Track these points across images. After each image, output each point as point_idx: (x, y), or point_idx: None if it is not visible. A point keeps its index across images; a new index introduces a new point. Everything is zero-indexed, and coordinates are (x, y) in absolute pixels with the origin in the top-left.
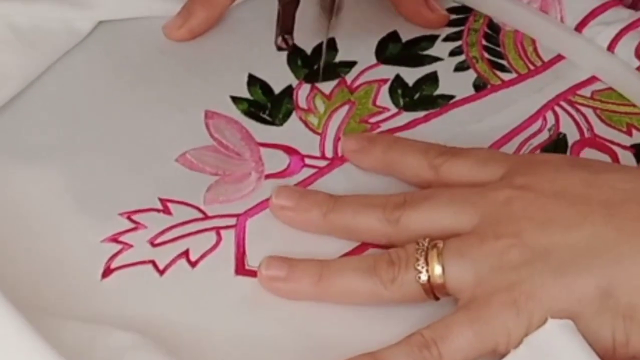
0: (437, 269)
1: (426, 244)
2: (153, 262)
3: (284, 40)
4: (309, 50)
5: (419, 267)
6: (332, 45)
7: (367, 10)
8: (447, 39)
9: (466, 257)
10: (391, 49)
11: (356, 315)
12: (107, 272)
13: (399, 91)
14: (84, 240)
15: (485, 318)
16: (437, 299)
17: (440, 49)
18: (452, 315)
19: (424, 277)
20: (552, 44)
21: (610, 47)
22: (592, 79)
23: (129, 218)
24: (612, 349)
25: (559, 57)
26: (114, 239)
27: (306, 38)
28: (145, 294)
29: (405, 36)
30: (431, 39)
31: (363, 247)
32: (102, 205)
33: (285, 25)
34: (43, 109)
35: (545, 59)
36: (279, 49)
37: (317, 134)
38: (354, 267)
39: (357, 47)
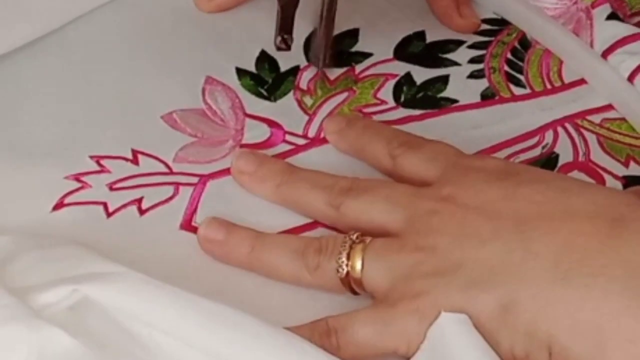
0: (358, 265)
1: (353, 238)
2: (104, 204)
3: (283, 40)
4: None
5: (340, 260)
6: (353, 34)
7: (399, 7)
8: (473, 46)
9: (384, 260)
10: (412, 47)
11: (285, 289)
12: (58, 205)
13: (404, 88)
14: (48, 173)
15: (388, 320)
16: (355, 293)
17: (462, 54)
18: (359, 310)
19: (343, 270)
20: (576, 67)
21: (631, 78)
22: (607, 107)
23: (97, 161)
24: None
25: (581, 81)
26: (76, 178)
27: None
28: (87, 232)
29: (431, 37)
30: (457, 44)
31: (313, 224)
32: (77, 145)
33: (285, 25)
34: (55, 54)
35: (567, 81)
36: (278, 49)
37: (307, 114)
38: (286, 247)
39: (378, 40)
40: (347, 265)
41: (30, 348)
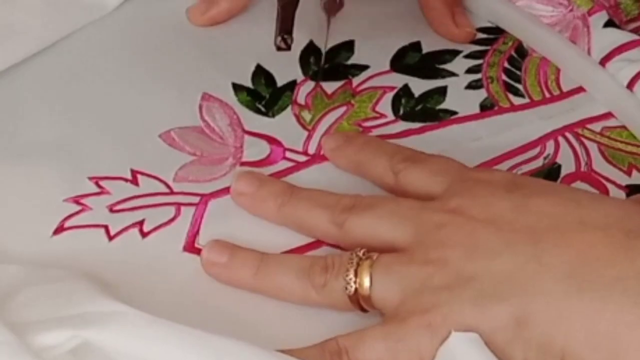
0: (366, 281)
1: (360, 255)
2: (106, 227)
3: (283, 40)
4: (324, 50)
5: (348, 278)
6: (349, 47)
7: (394, 18)
8: (469, 56)
9: (393, 275)
10: (408, 59)
11: (292, 310)
12: (59, 229)
13: (402, 100)
14: (47, 196)
15: (399, 335)
16: (364, 310)
17: (459, 64)
18: (370, 327)
19: (351, 288)
20: (574, 75)
21: (630, 85)
22: (607, 115)
23: (96, 183)
24: None
25: (579, 90)
26: (76, 200)
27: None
28: (89, 256)
29: (427, 47)
30: (453, 54)
31: (317, 243)
32: (75, 167)
33: (285, 25)
34: (48, 73)
35: (565, 90)
36: (278, 49)
37: (307, 129)
38: (291, 267)
39: (374, 52)
40: (355, 282)
41: None
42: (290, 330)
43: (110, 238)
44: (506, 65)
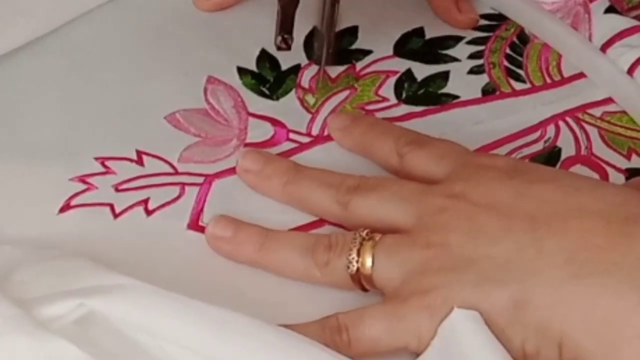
0: (368, 261)
1: (363, 235)
2: (111, 205)
3: (284, 40)
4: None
5: (351, 257)
6: (353, 32)
7: (398, 4)
8: (472, 42)
9: (396, 256)
10: (412, 44)
11: (294, 287)
12: (65, 207)
13: (405, 85)
14: (53, 176)
15: (399, 315)
16: (364, 289)
17: (461, 50)
18: (370, 306)
19: (353, 267)
20: (575, 61)
21: (630, 71)
22: (607, 100)
23: (102, 163)
24: (522, 359)
25: (580, 75)
26: (82, 179)
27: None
28: (95, 233)
29: (430, 33)
30: (456, 40)
31: (320, 222)
32: (81, 147)
33: (285, 25)
34: (55, 55)
35: (566, 75)
36: (279, 48)
37: (310, 112)
38: (295, 244)
39: (378, 37)
40: (357, 261)
41: None
42: (292, 307)
43: (116, 216)
44: (508, 51)
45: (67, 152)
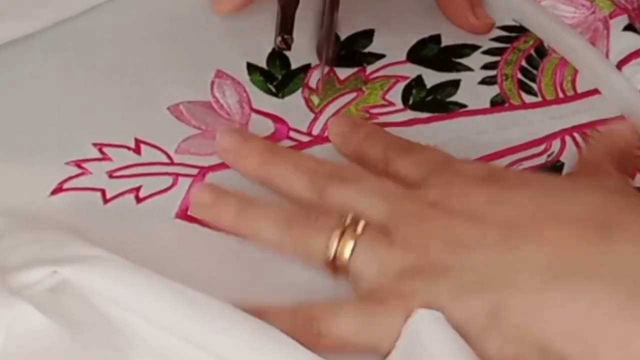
0: (347, 251)
1: (348, 221)
2: (102, 191)
3: (284, 40)
4: (343, 37)
5: (330, 242)
6: (368, 35)
7: (417, 10)
8: (488, 52)
9: (375, 255)
10: (427, 51)
11: (277, 278)
12: (57, 190)
13: (414, 90)
14: (50, 158)
15: (374, 316)
16: (334, 274)
17: (476, 60)
18: (346, 301)
19: (330, 252)
20: (590, 77)
21: None
22: (619, 118)
23: (99, 149)
24: None
25: (594, 92)
26: (78, 164)
27: (346, 25)
28: (83, 217)
29: (447, 41)
30: (472, 49)
31: None
32: (81, 132)
33: (285, 25)
34: (67, 43)
35: (580, 91)
36: (279, 49)
37: (314, 112)
38: (272, 213)
39: (393, 42)
40: (335, 249)
41: (0, 325)
42: (275, 293)
43: (106, 201)
44: (523, 63)
45: (67, 136)
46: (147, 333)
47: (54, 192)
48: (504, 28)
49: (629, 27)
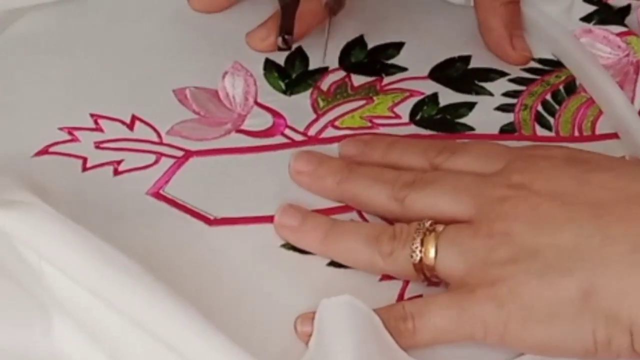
0: (431, 252)
1: (427, 225)
2: (84, 159)
3: (284, 40)
4: (370, 45)
5: (414, 247)
6: (398, 47)
7: (455, 28)
8: (514, 80)
9: (459, 247)
10: (452, 70)
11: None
12: (42, 152)
13: (425, 107)
14: (45, 120)
15: (466, 305)
16: (429, 280)
17: (499, 86)
18: (437, 295)
19: (416, 256)
20: (612, 120)
21: None
22: None
23: (95, 120)
24: (593, 348)
25: (612, 135)
26: (70, 131)
27: (376, 34)
28: (58, 182)
29: (475, 63)
30: (499, 74)
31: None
32: (83, 101)
33: (285, 25)
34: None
35: (598, 132)
36: (279, 49)
37: (316, 113)
38: (360, 233)
39: (419, 57)
40: (420, 251)
41: None
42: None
43: (85, 169)
44: (548, 97)
45: (68, 103)
46: (61, 283)
47: (38, 153)
48: (540, 60)
49: None
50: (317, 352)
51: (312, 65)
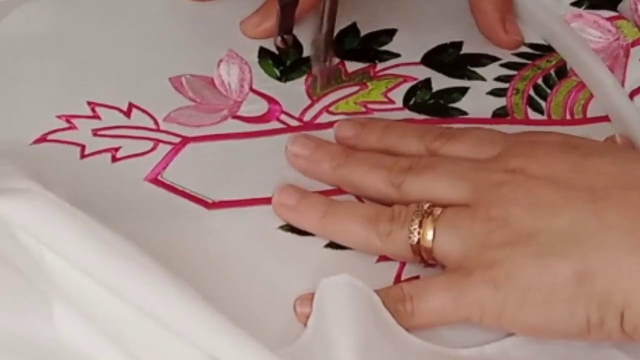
0: (429, 234)
1: (425, 208)
2: (82, 147)
3: (284, 40)
4: (363, 33)
5: (412, 228)
6: (390, 34)
7: (446, 14)
8: (506, 65)
9: (457, 230)
10: (444, 56)
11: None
12: (40, 139)
13: (418, 92)
14: (42, 108)
15: (463, 288)
16: (425, 262)
17: (491, 70)
18: (435, 277)
19: (414, 238)
20: (603, 103)
21: None
22: None
23: (92, 108)
24: (587, 330)
25: (603, 118)
26: (68, 119)
27: (369, 23)
28: (57, 169)
29: (468, 49)
30: (491, 59)
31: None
32: (80, 90)
33: (285, 25)
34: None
35: (589, 116)
36: (278, 49)
37: (311, 99)
38: (358, 213)
39: (412, 43)
40: (418, 233)
41: None
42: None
43: (83, 156)
44: (539, 81)
45: (65, 91)
46: (62, 270)
47: (36, 141)
48: (531, 45)
49: None
50: (316, 332)
51: (306, 53)
